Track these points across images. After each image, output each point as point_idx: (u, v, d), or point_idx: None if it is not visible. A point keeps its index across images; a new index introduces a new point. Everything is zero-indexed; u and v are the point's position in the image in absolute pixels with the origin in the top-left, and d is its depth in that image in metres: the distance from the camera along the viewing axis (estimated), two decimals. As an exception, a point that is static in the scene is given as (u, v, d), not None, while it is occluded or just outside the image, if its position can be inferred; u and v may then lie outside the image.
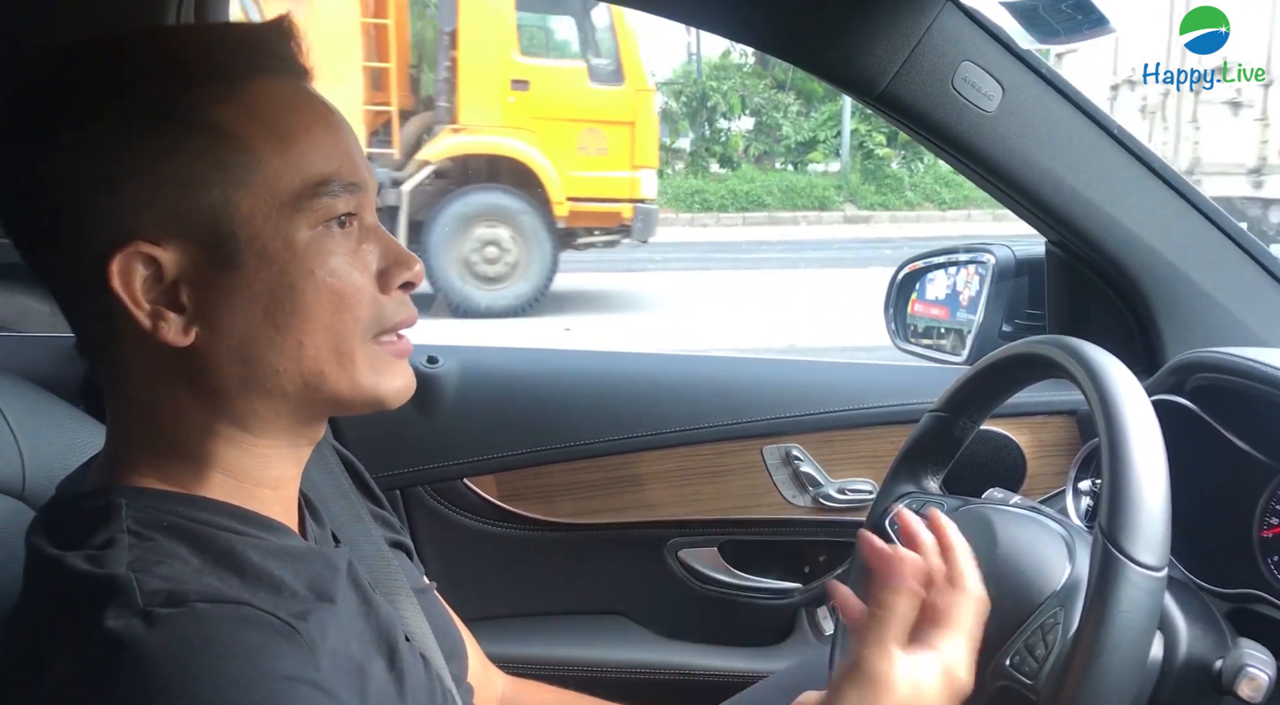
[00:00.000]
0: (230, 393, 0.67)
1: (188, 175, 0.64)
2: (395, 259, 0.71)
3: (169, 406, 0.68)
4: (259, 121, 0.65)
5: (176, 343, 0.65)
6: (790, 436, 1.44)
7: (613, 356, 1.78)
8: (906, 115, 1.14)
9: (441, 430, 1.44)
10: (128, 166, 0.63)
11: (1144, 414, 0.74)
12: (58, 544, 0.64)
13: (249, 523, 0.69)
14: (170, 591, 0.59)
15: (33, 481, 0.91)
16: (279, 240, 0.65)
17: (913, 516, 0.80)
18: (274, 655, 0.59)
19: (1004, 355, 0.93)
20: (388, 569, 0.85)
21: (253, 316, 0.66)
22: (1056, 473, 1.34)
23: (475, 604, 0.94)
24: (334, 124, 0.70)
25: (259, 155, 0.65)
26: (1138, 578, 0.68)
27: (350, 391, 0.69)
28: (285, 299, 0.66)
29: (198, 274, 0.65)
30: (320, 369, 0.68)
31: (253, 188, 0.65)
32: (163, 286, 0.65)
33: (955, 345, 1.54)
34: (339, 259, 0.67)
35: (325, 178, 0.66)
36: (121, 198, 0.63)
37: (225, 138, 0.64)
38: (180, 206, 0.64)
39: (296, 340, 0.67)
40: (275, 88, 0.67)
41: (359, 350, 0.69)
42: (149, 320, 0.64)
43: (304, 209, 0.66)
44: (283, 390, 0.68)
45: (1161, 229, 1.19)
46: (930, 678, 0.71)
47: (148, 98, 0.64)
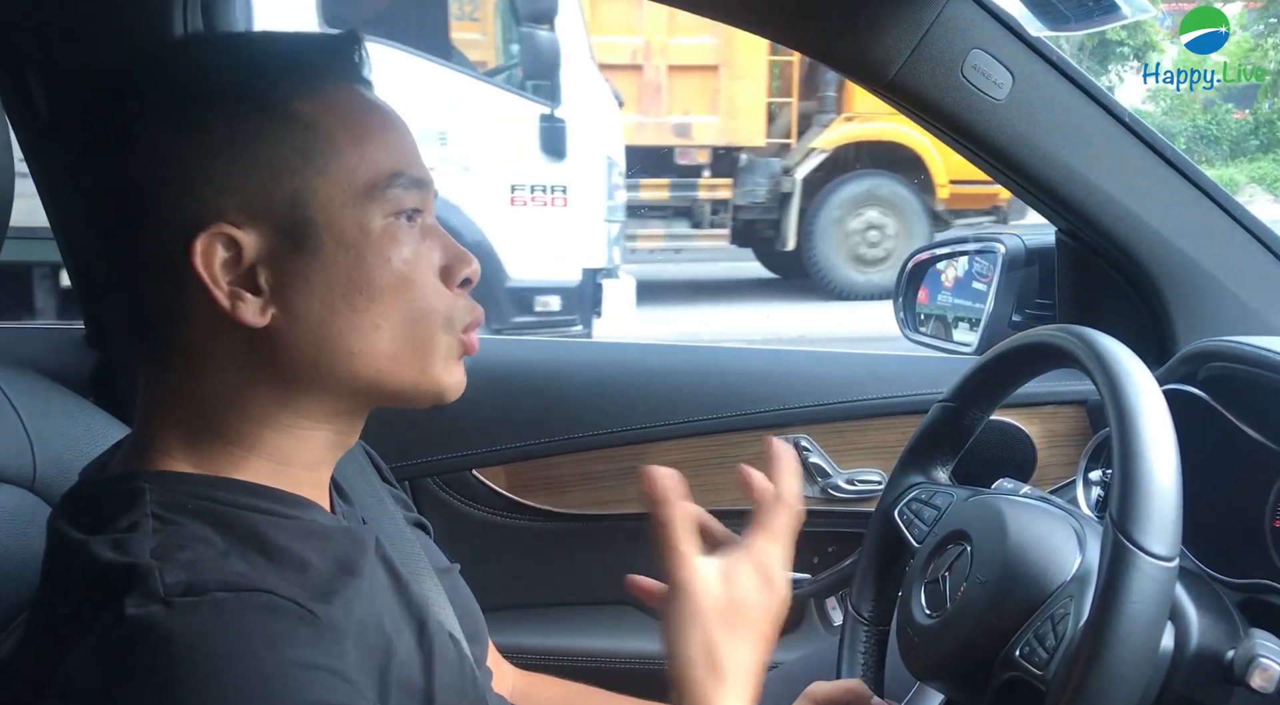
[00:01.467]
0: (299, 375, 0.70)
1: (271, 162, 0.67)
2: (456, 256, 0.74)
3: (226, 389, 0.70)
4: (337, 116, 0.69)
5: (253, 323, 0.67)
6: (799, 427, 1.44)
7: (621, 347, 1.78)
8: (916, 103, 1.13)
9: (450, 421, 1.44)
10: (215, 152, 0.66)
11: (1155, 403, 0.74)
12: (82, 529, 0.65)
13: (277, 501, 0.70)
14: (191, 580, 0.60)
15: (43, 473, 0.92)
16: (355, 227, 0.68)
17: None
18: (293, 643, 0.60)
19: (1014, 345, 0.93)
20: (411, 549, 0.86)
21: (330, 300, 0.68)
22: (1067, 463, 1.34)
23: (484, 595, 0.94)
24: (400, 126, 0.74)
25: (338, 145, 0.68)
26: (1149, 568, 0.68)
27: (417, 378, 0.72)
28: (362, 283, 0.69)
29: (276, 257, 0.67)
30: (394, 352, 0.71)
31: (332, 176, 0.68)
32: (241, 268, 0.67)
33: (964, 335, 1.53)
34: (409, 249, 0.70)
35: (397, 171, 0.70)
36: (208, 181, 0.66)
37: (307, 128, 0.68)
38: (262, 191, 0.67)
39: (373, 323, 0.69)
40: (349, 90, 0.72)
41: (441, 339, 0.72)
42: (228, 301, 0.67)
43: (377, 199, 0.69)
44: (354, 374, 0.70)
45: (1173, 217, 1.19)
46: (744, 574, 0.69)
47: (237, 90, 0.68)
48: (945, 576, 0.87)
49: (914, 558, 0.94)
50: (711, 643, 0.67)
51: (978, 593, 0.82)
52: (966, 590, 0.83)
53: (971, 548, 0.86)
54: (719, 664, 0.67)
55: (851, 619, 1.02)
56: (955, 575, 0.86)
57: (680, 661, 0.67)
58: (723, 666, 0.67)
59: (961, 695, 0.87)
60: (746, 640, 0.69)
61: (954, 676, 0.86)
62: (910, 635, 0.89)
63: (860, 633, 1.01)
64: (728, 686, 0.67)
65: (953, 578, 0.86)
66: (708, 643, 0.67)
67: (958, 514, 0.91)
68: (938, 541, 0.90)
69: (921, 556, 0.92)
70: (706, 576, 0.69)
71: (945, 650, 0.84)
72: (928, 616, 0.87)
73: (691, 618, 0.68)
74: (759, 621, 0.69)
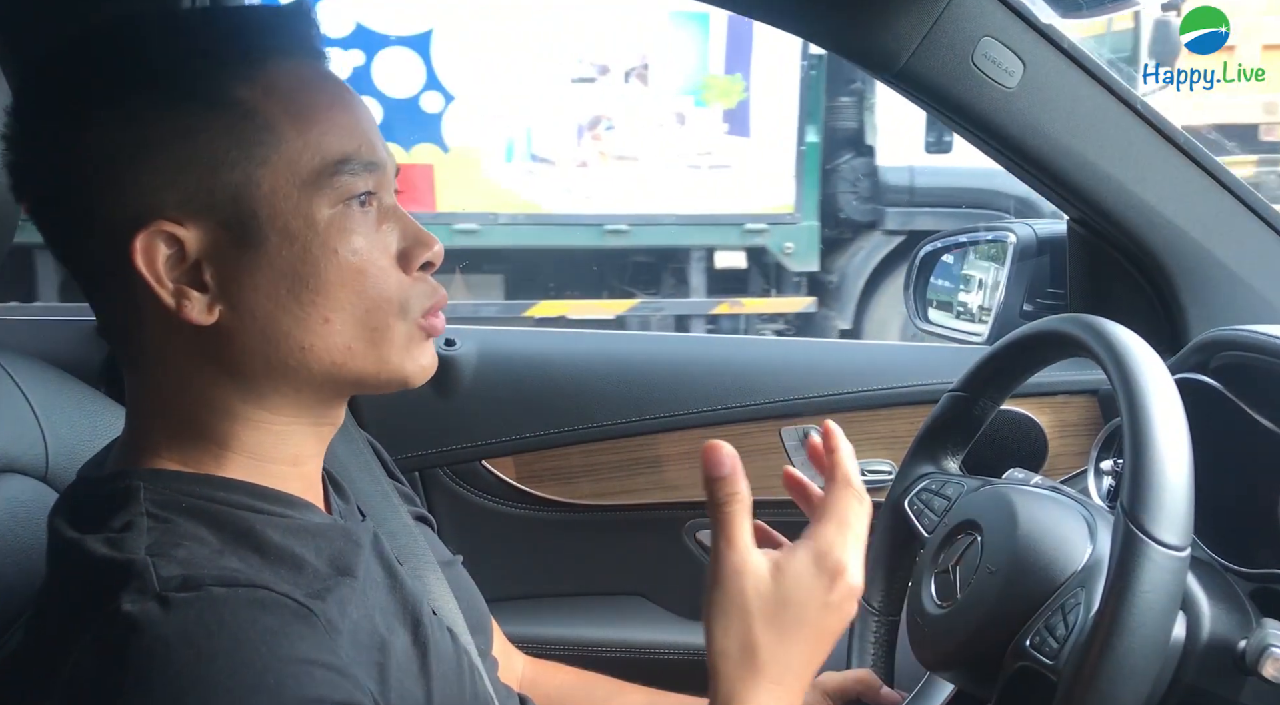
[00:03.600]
0: (254, 371, 0.68)
1: (210, 154, 0.64)
2: (415, 239, 0.71)
3: (189, 387, 0.68)
4: (280, 101, 0.66)
5: (200, 321, 0.65)
6: (809, 417, 1.44)
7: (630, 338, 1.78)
8: (926, 92, 1.12)
9: (459, 412, 1.44)
10: (150, 145, 0.64)
11: (1167, 392, 0.73)
12: (78, 527, 0.65)
13: (268, 500, 0.69)
14: (186, 575, 0.59)
15: (55, 464, 0.92)
16: (300, 218, 0.66)
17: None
18: (289, 638, 0.59)
19: (1024, 334, 0.92)
20: (414, 543, 0.85)
21: (277, 294, 0.66)
22: (1078, 453, 1.33)
23: (493, 585, 0.94)
24: (352, 104, 0.70)
25: (280, 134, 0.65)
26: (1160, 558, 0.68)
27: (376, 369, 0.70)
28: (309, 276, 0.66)
29: (220, 252, 0.65)
30: (348, 345, 0.68)
31: (274, 166, 0.65)
32: (185, 265, 0.65)
33: (975, 325, 1.52)
34: (360, 237, 0.68)
35: (345, 156, 0.67)
36: (144, 177, 0.64)
37: (247, 116, 0.65)
38: (202, 185, 0.64)
39: (323, 317, 0.67)
40: (295, 68, 0.68)
41: (396, 327, 0.69)
42: (173, 299, 0.65)
43: (324, 187, 0.66)
44: (308, 367, 0.68)
45: (1186, 205, 1.18)
46: (800, 566, 0.65)
47: (170, 78, 0.65)
48: (956, 566, 0.87)
49: (924, 548, 0.93)
50: (750, 637, 0.64)
51: (988, 583, 0.82)
52: (977, 580, 0.83)
53: (982, 538, 0.85)
54: (757, 660, 0.64)
55: (861, 609, 1.02)
56: (966, 565, 0.86)
57: (715, 652, 0.65)
58: (760, 663, 0.64)
59: (972, 685, 0.87)
60: (796, 639, 0.65)
61: (964, 666, 0.86)
62: (920, 625, 0.89)
63: (870, 623, 1.01)
64: (763, 684, 0.64)
65: (963, 568, 0.86)
66: (746, 637, 0.64)
67: (968, 504, 0.91)
68: (948, 531, 0.90)
69: (932, 546, 0.91)
70: (757, 566, 0.65)
71: (956, 640, 0.84)
72: (938, 606, 0.87)
73: (732, 608, 0.64)
74: (815, 619, 0.65)
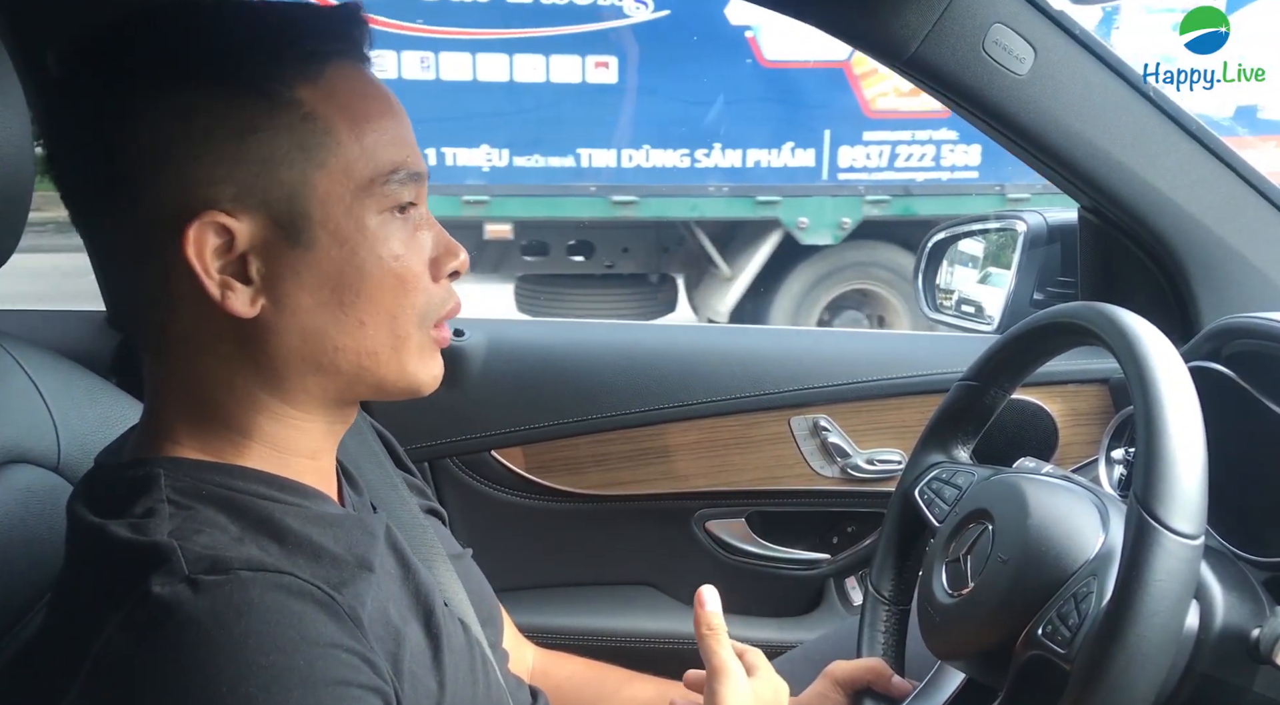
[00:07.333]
0: (285, 366, 0.69)
1: (270, 151, 0.65)
2: (446, 248, 0.73)
3: (216, 376, 0.69)
4: (338, 105, 0.67)
5: (243, 313, 0.66)
6: (818, 407, 1.44)
7: (639, 328, 1.78)
8: (936, 80, 1.11)
9: (469, 403, 1.44)
10: (210, 138, 0.64)
11: (1180, 380, 0.73)
12: (99, 513, 0.65)
13: (287, 490, 0.70)
14: (214, 558, 0.60)
15: (67, 454, 0.92)
16: (351, 223, 0.67)
17: None
18: (315, 623, 0.60)
19: (1035, 323, 0.92)
20: (424, 536, 0.86)
21: (320, 294, 0.67)
22: (1089, 441, 1.33)
23: (503, 575, 0.95)
24: (398, 111, 0.72)
25: (338, 138, 0.67)
26: (1173, 546, 0.67)
27: (396, 375, 0.71)
28: (353, 280, 0.68)
29: (269, 248, 0.66)
30: (375, 350, 0.70)
31: (330, 170, 0.66)
32: (232, 257, 0.66)
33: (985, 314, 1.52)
34: (401, 244, 0.69)
35: (395, 166, 0.69)
36: (201, 169, 0.64)
37: (307, 118, 0.66)
38: (259, 181, 0.65)
39: (359, 320, 0.68)
40: (353, 72, 0.69)
41: (414, 335, 0.71)
42: (218, 290, 0.65)
43: (374, 195, 0.68)
44: (337, 368, 0.69)
45: (1198, 193, 1.17)
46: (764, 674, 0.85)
47: (233, 72, 0.65)
48: (967, 556, 0.86)
49: (935, 537, 0.93)
50: None
51: (1000, 572, 0.82)
52: (988, 569, 0.83)
53: (993, 527, 0.85)
54: None
55: (872, 598, 1.02)
56: (977, 554, 0.86)
57: None
58: None
59: (983, 674, 0.87)
60: None
61: (976, 655, 0.86)
62: (931, 614, 0.88)
63: (881, 612, 1.01)
64: None
65: (974, 557, 0.86)
66: None
67: (979, 493, 0.91)
68: (959, 520, 0.90)
69: (943, 536, 0.91)
70: (737, 667, 0.81)
71: (967, 629, 0.84)
72: (949, 596, 0.86)
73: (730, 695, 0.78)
74: None
